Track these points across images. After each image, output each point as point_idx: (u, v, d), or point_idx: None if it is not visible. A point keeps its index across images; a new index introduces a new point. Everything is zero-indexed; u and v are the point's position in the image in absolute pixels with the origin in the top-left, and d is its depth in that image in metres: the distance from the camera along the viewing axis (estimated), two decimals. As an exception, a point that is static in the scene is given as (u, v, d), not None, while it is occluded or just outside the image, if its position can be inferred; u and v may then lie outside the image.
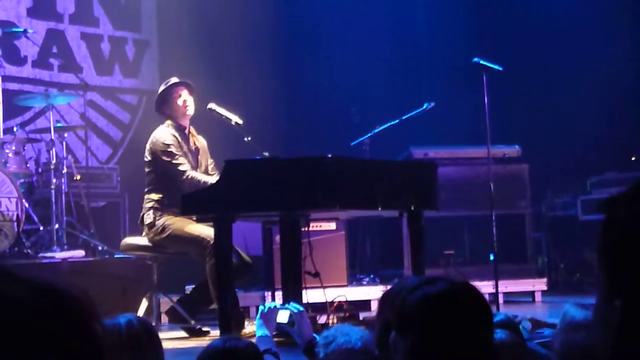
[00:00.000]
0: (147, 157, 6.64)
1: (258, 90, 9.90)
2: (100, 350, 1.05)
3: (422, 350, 1.81)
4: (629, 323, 1.12)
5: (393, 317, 1.87)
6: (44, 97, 7.92)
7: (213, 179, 6.25)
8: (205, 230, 6.17)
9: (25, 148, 7.97)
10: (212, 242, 5.96)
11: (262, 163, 5.90)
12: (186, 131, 6.74)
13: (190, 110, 6.72)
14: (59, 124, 8.02)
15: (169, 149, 6.50)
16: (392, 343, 1.85)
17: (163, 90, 6.75)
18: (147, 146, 6.65)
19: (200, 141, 6.86)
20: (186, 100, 6.68)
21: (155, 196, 6.57)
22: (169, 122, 6.69)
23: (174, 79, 6.77)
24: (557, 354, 2.15)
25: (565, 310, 2.78)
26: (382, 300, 1.99)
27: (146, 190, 6.66)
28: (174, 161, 6.48)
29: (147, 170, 6.66)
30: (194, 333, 6.45)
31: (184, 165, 6.47)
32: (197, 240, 6.28)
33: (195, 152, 6.78)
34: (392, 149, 8.45)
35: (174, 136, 6.59)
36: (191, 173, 6.44)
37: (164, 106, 6.74)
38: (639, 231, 1.13)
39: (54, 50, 9.70)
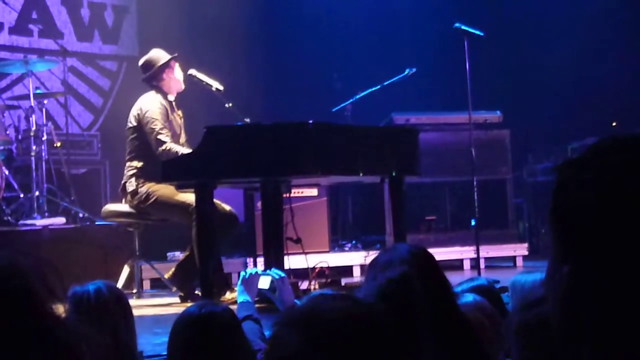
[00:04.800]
0: (132, 123, 6.55)
1: (239, 57, 9.85)
2: (51, 323, 1.04)
3: None
4: (576, 288, 1.13)
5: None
6: (22, 63, 7.84)
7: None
8: (191, 197, 6.11)
9: (5, 115, 7.89)
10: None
11: (243, 129, 5.88)
12: (173, 102, 6.69)
13: (183, 85, 6.71)
14: (38, 91, 7.95)
15: (156, 117, 6.43)
16: None
17: (163, 64, 6.62)
18: (134, 112, 6.56)
19: (180, 114, 6.82)
20: (182, 75, 6.66)
21: (137, 163, 6.51)
22: (155, 91, 6.63)
23: (164, 53, 6.69)
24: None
25: (514, 280, 2.79)
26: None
27: (128, 157, 6.59)
28: (157, 130, 6.41)
29: (130, 137, 6.58)
30: (188, 298, 6.37)
31: (165, 136, 6.41)
32: (183, 207, 6.25)
33: (181, 120, 6.75)
34: (373, 115, 8.43)
35: (162, 105, 6.54)
36: (170, 145, 6.36)
37: (163, 75, 6.63)
38: (587, 197, 1.14)
39: (34, 16, 9.59)
